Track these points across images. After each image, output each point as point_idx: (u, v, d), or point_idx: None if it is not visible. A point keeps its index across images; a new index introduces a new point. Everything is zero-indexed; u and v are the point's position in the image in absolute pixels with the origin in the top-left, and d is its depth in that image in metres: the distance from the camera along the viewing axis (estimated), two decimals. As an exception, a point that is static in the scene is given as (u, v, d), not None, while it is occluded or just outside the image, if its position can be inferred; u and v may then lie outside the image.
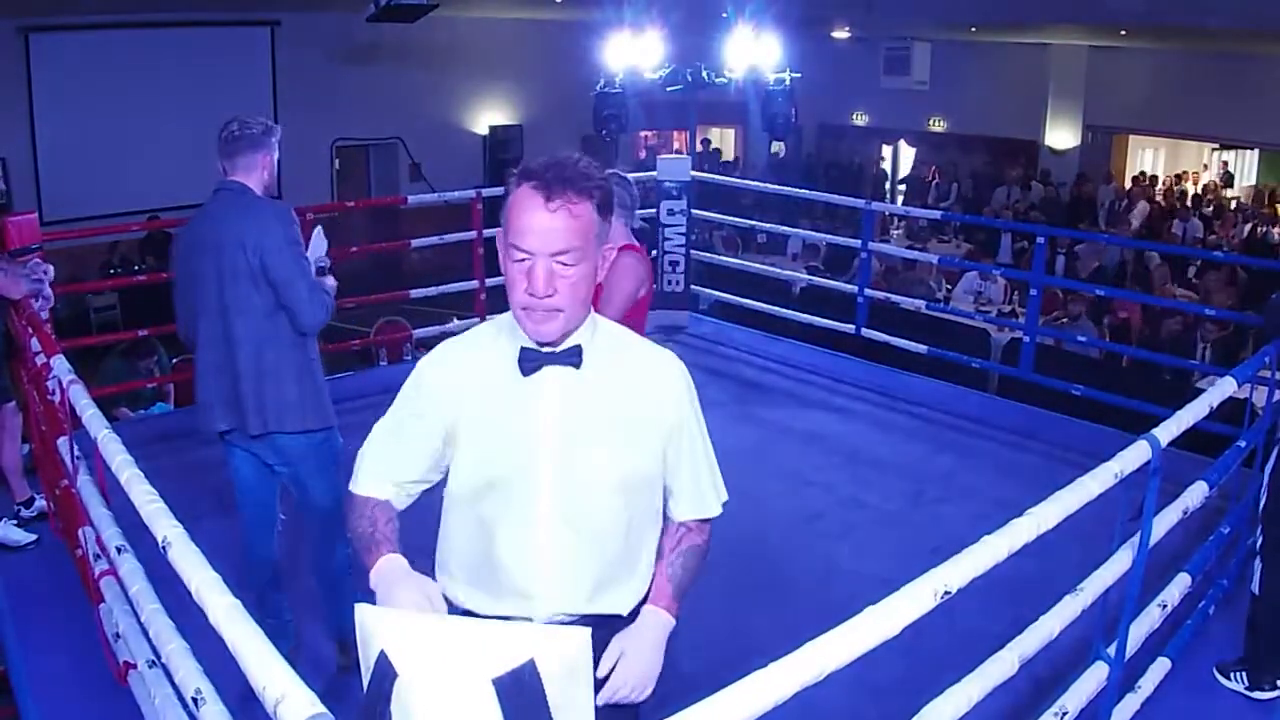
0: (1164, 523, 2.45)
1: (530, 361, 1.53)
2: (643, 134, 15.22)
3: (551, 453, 1.52)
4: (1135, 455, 2.12)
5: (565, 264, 1.46)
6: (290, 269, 2.79)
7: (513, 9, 13.24)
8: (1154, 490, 2.26)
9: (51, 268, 3.77)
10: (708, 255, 7.32)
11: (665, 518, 1.69)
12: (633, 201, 3.30)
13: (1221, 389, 2.63)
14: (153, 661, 2.31)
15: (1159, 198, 13.13)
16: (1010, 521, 1.77)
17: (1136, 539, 2.31)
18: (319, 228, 3.03)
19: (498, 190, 6.57)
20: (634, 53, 6.28)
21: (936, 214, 10.99)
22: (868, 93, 15.55)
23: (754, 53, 6.09)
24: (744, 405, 5.55)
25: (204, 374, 2.88)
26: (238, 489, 3.08)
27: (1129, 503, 2.23)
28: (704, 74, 6.38)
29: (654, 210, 6.74)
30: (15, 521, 3.81)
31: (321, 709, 1.14)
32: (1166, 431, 2.26)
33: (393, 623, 1.01)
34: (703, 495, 1.66)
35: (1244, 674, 2.95)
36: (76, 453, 2.81)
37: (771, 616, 3.34)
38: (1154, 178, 13.92)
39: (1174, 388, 5.91)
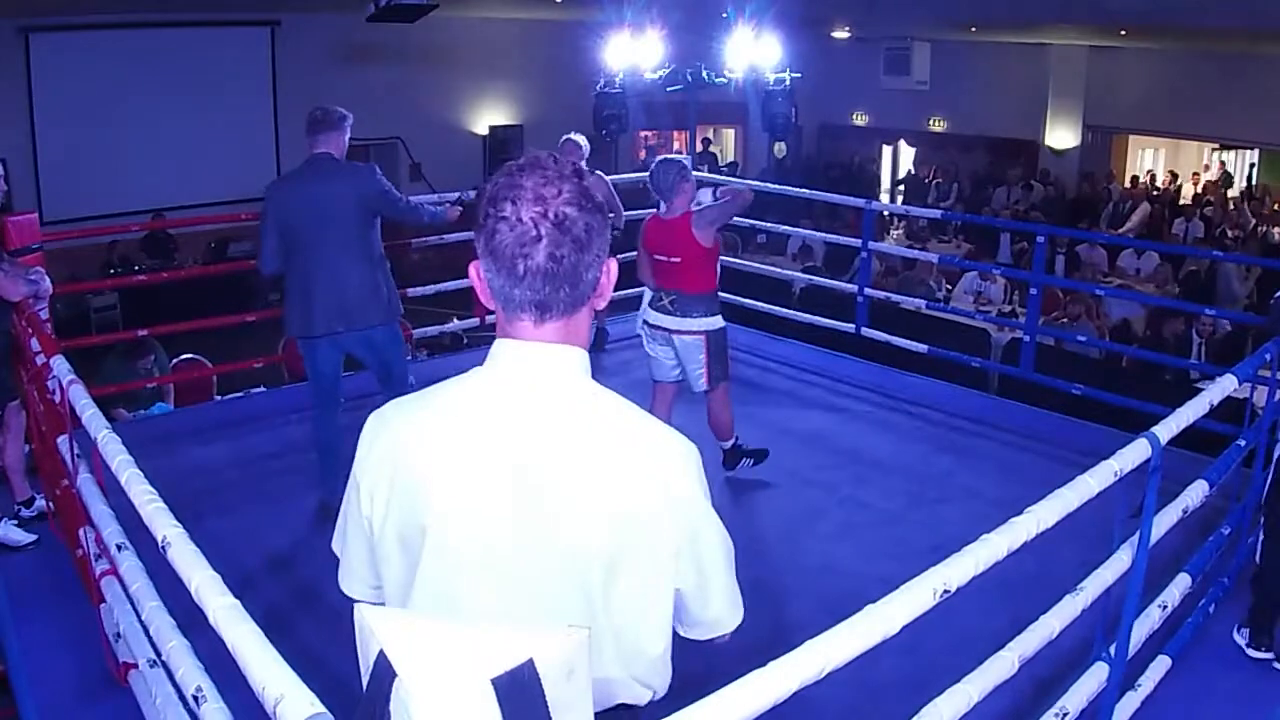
0: (1164, 522, 2.45)
1: None
2: (643, 134, 15.22)
3: None
4: (1135, 453, 2.11)
5: None
6: (389, 198, 3.88)
7: (513, 9, 13.24)
8: (1154, 488, 2.25)
9: (49, 282, 3.74)
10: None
11: None
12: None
13: (1222, 387, 2.62)
14: (154, 661, 2.31)
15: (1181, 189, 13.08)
16: (1010, 519, 1.77)
17: (1136, 538, 2.31)
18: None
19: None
20: (634, 53, 6.27)
21: (936, 214, 10.99)
22: (868, 93, 15.56)
23: (754, 53, 6.09)
24: (744, 405, 5.52)
25: (308, 294, 3.80)
26: (318, 380, 4.05)
27: (1129, 501, 2.23)
28: (704, 74, 6.37)
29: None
30: (15, 521, 3.81)
31: (321, 709, 1.14)
32: (1166, 429, 2.25)
33: (392, 623, 1.01)
34: None
35: (1247, 631, 3.09)
36: (77, 452, 2.81)
37: (771, 616, 3.34)
38: (1155, 175, 13.93)
39: (1174, 387, 5.90)
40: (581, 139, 5.60)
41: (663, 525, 1.24)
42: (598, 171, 5.45)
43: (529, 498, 1.22)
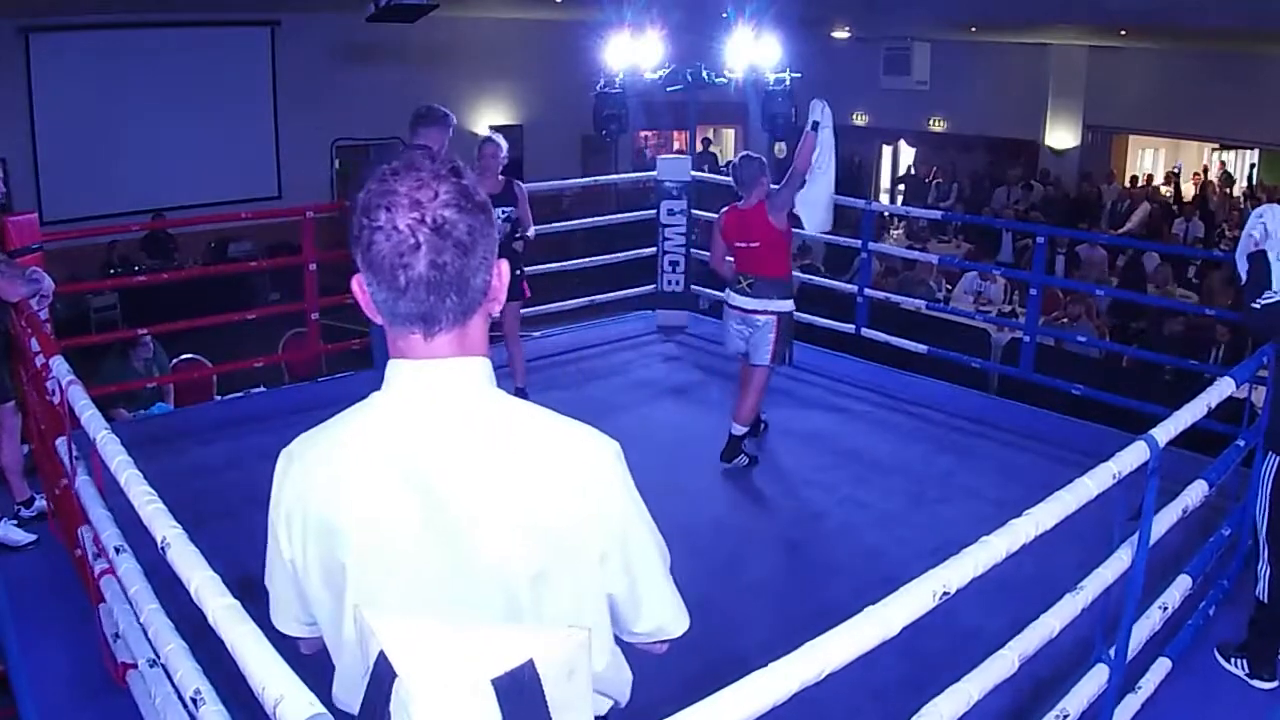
0: (1163, 522, 2.45)
1: None
2: (643, 134, 15.21)
3: None
4: (1133, 456, 2.12)
5: None
6: None
7: (513, 9, 13.24)
8: (1153, 490, 2.26)
9: (50, 280, 3.72)
10: (708, 255, 7.31)
11: None
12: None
13: (1220, 389, 2.63)
14: (153, 661, 2.31)
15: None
16: (1009, 522, 1.77)
17: (1136, 539, 2.31)
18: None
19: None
20: (634, 53, 6.27)
21: (936, 214, 10.99)
22: (868, 93, 15.55)
23: (754, 53, 6.08)
24: (744, 405, 5.54)
25: None
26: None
27: (1128, 503, 2.23)
28: (704, 74, 6.37)
29: (654, 210, 6.74)
30: (15, 521, 3.81)
31: (321, 709, 1.14)
32: (1164, 431, 2.26)
33: (393, 623, 1.01)
34: None
35: (1244, 661, 3.03)
36: (75, 453, 2.81)
37: (771, 616, 3.34)
38: (1161, 176, 13.90)
39: (1175, 388, 5.90)
40: (499, 138, 5.16)
41: (585, 532, 1.20)
42: (517, 181, 5.25)
43: (444, 523, 1.17)
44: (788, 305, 4.63)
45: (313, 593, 1.26)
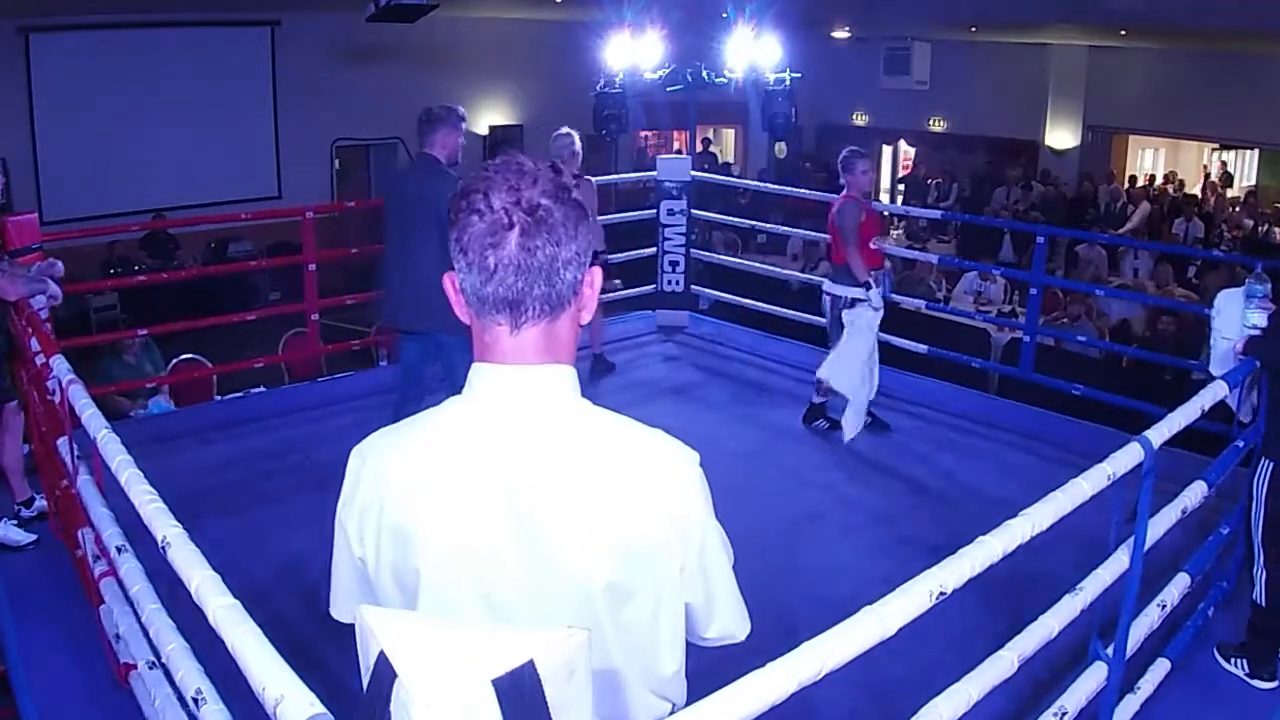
0: (1162, 523, 2.45)
1: None
2: (643, 134, 15.20)
3: None
4: (1128, 457, 2.12)
5: None
6: (446, 214, 3.87)
7: (513, 9, 13.24)
8: (1147, 491, 2.26)
9: (60, 263, 3.75)
10: (708, 255, 7.32)
11: None
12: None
13: (1213, 392, 2.64)
14: (153, 662, 2.32)
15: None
16: (1005, 523, 1.77)
17: (1133, 540, 2.31)
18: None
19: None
20: (634, 53, 6.28)
21: (936, 214, 10.98)
22: (868, 93, 15.54)
23: (754, 53, 6.09)
24: (744, 405, 5.55)
25: (393, 286, 4.06)
26: (404, 367, 4.32)
27: (1126, 502, 2.23)
28: (704, 74, 6.37)
29: (654, 210, 6.74)
30: (15, 521, 3.81)
31: (321, 709, 1.14)
32: (1159, 433, 2.26)
33: (392, 623, 1.01)
34: None
35: (1244, 661, 3.04)
36: (76, 453, 2.81)
37: (770, 616, 3.34)
38: (1165, 176, 13.88)
39: (1176, 388, 5.90)
40: (573, 133, 5.35)
41: (668, 545, 1.20)
42: (587, 176, 5.35)
43: (529, 533, 1.17)
44: (840, 290, 5.06)
45: (383, 591, 1.25)
